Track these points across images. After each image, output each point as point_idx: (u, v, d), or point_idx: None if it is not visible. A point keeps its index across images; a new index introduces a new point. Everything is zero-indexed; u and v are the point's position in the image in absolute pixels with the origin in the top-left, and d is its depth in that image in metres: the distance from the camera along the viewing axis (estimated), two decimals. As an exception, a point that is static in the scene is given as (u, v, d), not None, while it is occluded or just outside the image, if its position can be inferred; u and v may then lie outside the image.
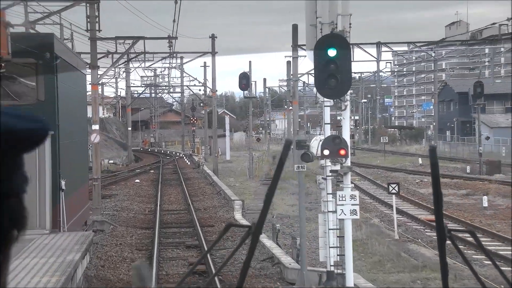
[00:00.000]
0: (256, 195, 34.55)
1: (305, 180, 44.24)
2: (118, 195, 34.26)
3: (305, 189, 39.55)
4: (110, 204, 30.13)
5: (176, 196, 34.62)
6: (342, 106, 12.95)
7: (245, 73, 43.56)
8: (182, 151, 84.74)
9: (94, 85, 27.64)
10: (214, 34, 46.63)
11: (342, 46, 12.09)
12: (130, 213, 27.36)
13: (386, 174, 47.16)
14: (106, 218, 25.63)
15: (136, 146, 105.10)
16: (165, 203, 31.55)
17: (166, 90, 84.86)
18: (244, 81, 43.05)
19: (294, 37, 48.17)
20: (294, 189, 37.42)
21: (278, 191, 37.06)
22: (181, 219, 26.10)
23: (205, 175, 46.73)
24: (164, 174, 49.40)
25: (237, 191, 36.97)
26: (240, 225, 1.86)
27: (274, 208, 28.97)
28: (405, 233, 23.28)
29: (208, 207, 29.17)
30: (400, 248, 20.23)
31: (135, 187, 39.15)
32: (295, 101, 48.61)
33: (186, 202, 31.35)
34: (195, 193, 35.57)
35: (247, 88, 44.38)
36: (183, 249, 19.29)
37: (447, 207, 29.09)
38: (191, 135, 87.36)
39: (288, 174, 44.91)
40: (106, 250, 19.17)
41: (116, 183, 42.06)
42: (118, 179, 44.15)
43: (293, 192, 35.71)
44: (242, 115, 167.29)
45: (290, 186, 38.48)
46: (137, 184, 41.45)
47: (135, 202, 31.23)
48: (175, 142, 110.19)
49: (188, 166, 59.55)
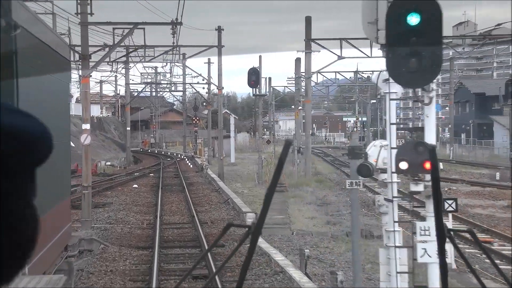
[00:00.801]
0: (271, 206, 30.58)
1: (319, 187, 40.41)
2: (113, 203, 30.36)
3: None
4: (103, 215, 26.22)
5: (178, 205, 30.71)
6: (425, 99, 9.05)
7: (254, 69, 39.67)
8: (183, 153, 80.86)
9: (85, 77, 23.76)
10: (221, 26, 42.78)
11: (429, 10, 8.18)
12: (125, 227, 23.43)
13: (406, 181, 43.18)
14: (96, 234, 21.76)
15: (136, 146, 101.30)
16: (166, 213, 27.66)
17: (168, 88, 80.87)
18: (253, 77, 39.17)
19: (307, 30, 44.29)
20: (310, 197, 33.50)
21: (293, 199, 33.13)
22: (185, 235, 22.18)
23: (210, 180, 42.84)
24: (165, 178, 45.51)
25: (246, 199, 33.08)
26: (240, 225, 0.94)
27: (292, 222, 25.07)
28: (460, 259, 19.33)
29: (216, 220, 25.24)
30: (462, 282, 16.35)
31: (133, 194, 35.26)
32: (308, 99, 44.74)
33: (189, 213, 27.47)
34: (199, 201, 31.69)
35: (256, 85, 40.50)
36: (189, 281, 15.36)
37: (493, 223, 25.11)
38: (193, 135, 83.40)
39: (301, 180, 40.97)
40: (92, 281, 15.28)
41: (112, 188, 38.16)
42: (114, 184, 40.25)
43: (310, 201, 31.82)
44: (244, 115, 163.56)
45: (305, 194, 34.58)
46: (135, 190, 37.55)
47: (132, 213, 27.32)
48: (176, 143, 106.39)
49: (190, 169, 55.65)
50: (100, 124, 77.57)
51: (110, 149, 69.18)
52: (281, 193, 36.29)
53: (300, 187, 37.71)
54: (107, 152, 65.66)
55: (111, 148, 69.53)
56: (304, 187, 37.69)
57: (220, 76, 43.02)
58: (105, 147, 67.58)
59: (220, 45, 42.68)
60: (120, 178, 46.10)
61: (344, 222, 24.76)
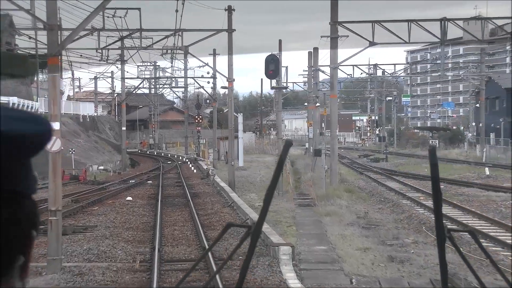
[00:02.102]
0: (302, 227, 23.66)
1: (352, 199, 33.47)
2: (98, 226, 23.44)
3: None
4: (82, 247, 19.28)
5: (183, 227, 23.79)
6: None
7: (273, 56, 32.80)
8: (185, 155, 73.96)
9: (52, 57, 16.86)
10: (231, 6, 35.93)
11: None
12: (109, 270, 16.49)
13: (454, 190, 36.30)
14: (65, 283, 14.92)
15: (134, 147, 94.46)
16: (167, 241, 20.77)
17: (167, 84, 73.80)
18: (272, 66, 32.33)
19: (333, 11, 37.34)
20: (349, 215, 26.55)
21: (328, 218, 26.21)
22: (195, 283, 15.24)
23: (219, 190, 35.97)
24: (165, 187, 38.63)
25: (268, 217, 26.20)
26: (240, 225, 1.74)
27: (341, 257, 18.11)
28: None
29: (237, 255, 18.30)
30: None
31: (125, 210, 28.37)
32: (334, 94, 37.79)
33: (198, 240, 20.61)
34: (210, 222, 24.80)
35: (276, 76, 33.63)
36: None
37: None
38: (195, 136, 76.42)
39: (330, 190, 34.00)
40: None
41: (101, 202, 31.28)
42: (104, 195, 33.37)
43: (351, 221, 24.89)
44: (246, 114, 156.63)
45: (341, 210, 27.59)
46: (128, 204, 30.66)
47: (121, 242, 20.38)
48: (177, 143, 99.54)
49: (194, 175, 48.72)
50: (93, 123, 70.66)
51: (104, 151, 62.25)
52: (308, 208, 29.39)
53: (330, 199, 30.82)
54: (100, 155, 58.74)
55: (104, 150, 62.59)
56: (335, 199, 30.79)
57: (230, 66, 36.04)
58: (98, 149, 60.65)
59: (231, 29, 35.87)
60: (113, 186, 39.25)
61: (415, 259, 17.87)
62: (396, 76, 70.85)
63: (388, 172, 49.46)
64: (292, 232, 22.78)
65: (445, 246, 1.57)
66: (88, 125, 66.91)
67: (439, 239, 1.56)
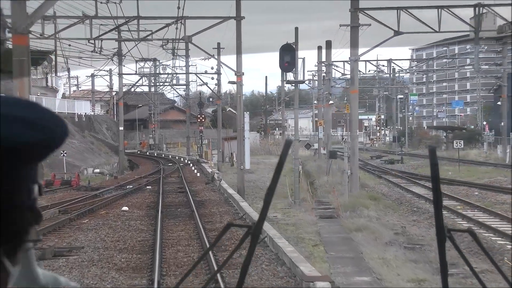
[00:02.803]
0: (331, 248, 19.58)
1: (380, 208, 29.45)
2: (85, 247, 19.42)
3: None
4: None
5: (188, 247, 19.78)
6: None
7: (289, 46, 28.79)
8: (187, 156, 69.98)
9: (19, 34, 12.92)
10: (241, -10, 31.94)
11: None
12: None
13: (492, 197, 32.28)
14: None
15: (133, 148, 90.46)
16: (169, 269, 16.78)
17: (168, 80, 69.67)
18: (287, 57, 28.31)
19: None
20: (384, 231, 22.51)
21: (359, 234, 22.18)
22: None
23: (226, 197, 32.00)
24: (166, 194, 34.64)
25: (287, 233, 22.28)
26: (240, 225, 1.72)
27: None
28: None
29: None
30: None
31: (120, 223, 24.38)
32: (354, 89, 33.80)
33: (208, 268, 16.58)
34: (220, 241, 20.68)
35: (292, 68, 29.64)
36: None
37: None
38: (197, 136, 72.36)
39: (352, 198, 29.98)
40: None
41: (93, 213, 27.29)
42: (97, 204, 29.36)
43: (389, 239, 20.89)
44: (249, 114, 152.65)
45: (372, 224, 23.54)
46: (124, 215, 26.66)
47: (112, 270, 16.36)
48: (178, 144, 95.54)
49: (198, 178, 44.69)
50: (89, 123, 66.58)
51: (101, 152, 58.20)
52: (332, 220, 25.38)
53: (356, 209, 26.80)
54: (96, 157, 54.70)
55: (101, 152, 58.52)
56: (361, 209, 26.77)
57: (239, 57, 31.96)
58: (94, 150, 56.59)
59: (240, 16, 31.87)
60: (108, 193, 35.27)
61: None
62: (414, 70, 66.77)
63: (408, 176, 45.46)
64: (320, 254, 18.76)
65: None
66: (84, 125, 62.89)
67: (439, 239, 1.54)
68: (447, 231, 1.56)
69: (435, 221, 1.57)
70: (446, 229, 1.56)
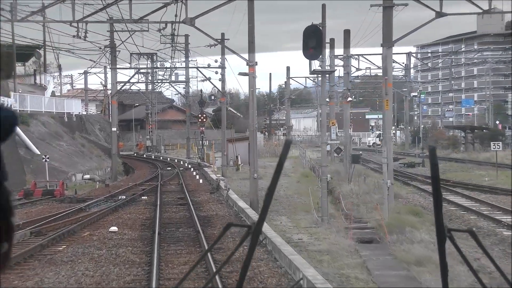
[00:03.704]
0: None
1: (428, 227, 24.08)
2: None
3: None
4: None
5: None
6: None
7: (315, 27, 23.40)
8: (187, 159, 64.55)
9: None
10: (253, -37, 26.57)
11: None
12: None
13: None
14: None
15: (129, 150, 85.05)
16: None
17: (166, 77, 64.18)
18: (312, 42, 22.93)
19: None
20: (455, 267, 17.10)
21: (424, 271, 16.77)
22: None
23: (237, 212, 26.62)
24: (165, 207, 29.22)
25: (325, 267, 16.91)
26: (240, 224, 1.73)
27: None
28: None
29: None
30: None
31: (105, 251, 18.96)
32: (389, 83, 28.42)
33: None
34: (236, 276, 15.36)
35: (318, 56, 24.25)
36: None
37: None
38: (198, 137, 66.85)
39: (393, 214, 24.55)
40: None
41: (73, 235, 21.89)
42: (80, 222, 23.93)
43: (470, 283, 15.52)
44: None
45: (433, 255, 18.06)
46: (112, 238, 21.25)
47: None
48: (177, 145, 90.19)
49: (200, 186, 39.22)
50: (81, 123, 61.07)
51: (92, 156, 52.74)
52: (375, 246, 19.96)
53: (402, 229, 21.39)
54: (86, 161, 49.25)
55: (93, 155, 53.04)
56: (409, 230, 21.35)
57: (251, 44, 26.45)
58: (85, 153, 51.12)
59: (253, -6, 26.51)
60: (96, 206, 29.89)
61: None
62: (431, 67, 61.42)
63: (439, 182, 40.01)
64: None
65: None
66: (74, 125, 57.42)
67: (439, 238, 1.48)
68: (447, 231, 1.52)
69: (435, 221, 1.51)
70: (446, 229, 1.53)
